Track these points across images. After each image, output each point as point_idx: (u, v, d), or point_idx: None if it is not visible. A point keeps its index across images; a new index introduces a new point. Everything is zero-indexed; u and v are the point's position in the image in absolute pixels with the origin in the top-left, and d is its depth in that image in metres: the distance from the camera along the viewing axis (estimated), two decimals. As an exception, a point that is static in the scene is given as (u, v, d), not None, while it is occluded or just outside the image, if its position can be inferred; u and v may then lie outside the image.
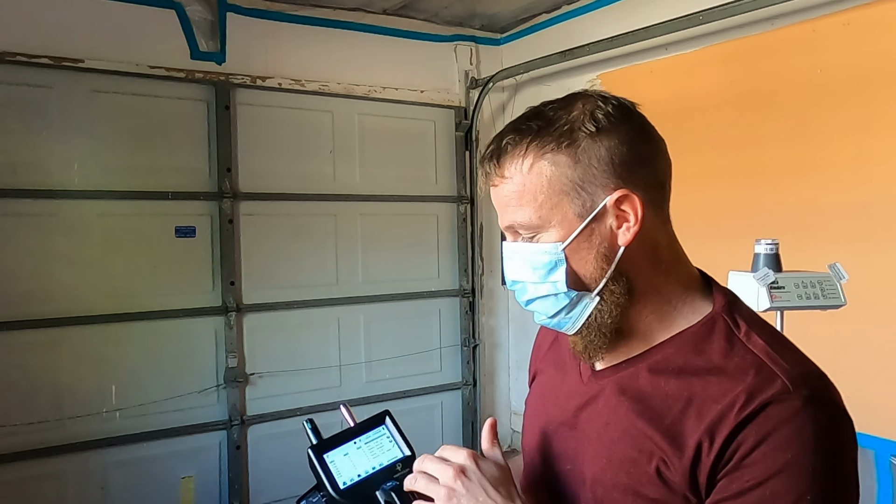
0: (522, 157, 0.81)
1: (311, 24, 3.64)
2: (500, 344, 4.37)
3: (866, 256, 2.46)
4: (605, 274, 0.81)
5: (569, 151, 0.80)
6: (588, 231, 0.81)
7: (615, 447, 0.82)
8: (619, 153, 0.80)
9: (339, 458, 0.90)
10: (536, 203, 0.81)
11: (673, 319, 0.84)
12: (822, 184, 2.62)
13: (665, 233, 0.85)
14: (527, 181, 0.81)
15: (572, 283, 0.82)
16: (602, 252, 0.81)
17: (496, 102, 4.25)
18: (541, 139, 0.81)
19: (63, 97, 3.05)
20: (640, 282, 0.83)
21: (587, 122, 0.80)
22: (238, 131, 3.45)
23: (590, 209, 0.80)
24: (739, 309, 0.84)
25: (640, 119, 0.84)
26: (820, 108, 2.62)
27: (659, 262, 0.83)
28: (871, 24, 2.48)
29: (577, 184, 0.80)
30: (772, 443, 0.73)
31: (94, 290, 3.13)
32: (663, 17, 2.99)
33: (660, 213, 0.84)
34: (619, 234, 0.80)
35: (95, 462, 3.13)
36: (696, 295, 0.85)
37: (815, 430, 0.73)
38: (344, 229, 3.77)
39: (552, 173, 0.80)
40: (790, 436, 0.72)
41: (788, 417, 0.73)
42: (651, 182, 0.82)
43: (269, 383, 3.53)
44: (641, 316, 0.84)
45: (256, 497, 3.51)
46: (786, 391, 0.74)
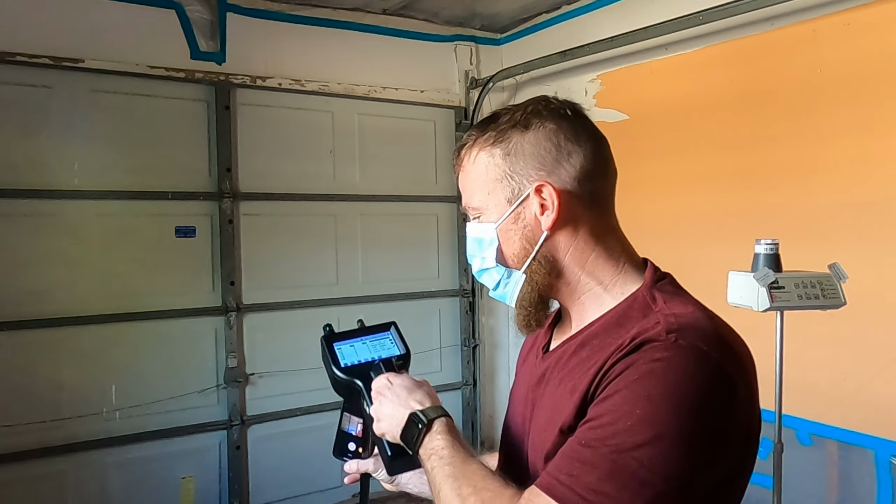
0: (470, 150, 0.97)
1: (311, 24, 3.64)
2: (500, 344, 4.37)
3: (866, 256, 2.46)
4: (528, 254, 0.94)
5: (502, 146, 0.94)
6: (515, 215, 0.94)
7: (543, 415, 0.94)
8: (543, 149, 0.92)
9: (345, 347, 1.19)
10: (477, 188, 0.96)
11: (603, 300, 0.93)
12: (822, 184, 2.62)
13: (599, 222, 0.94)
14: (472, 170, 0.97)
15: (501, 259, 0.97)
16: (526, 234, 0.94)
17: (496, 102, 4.24)
18: (485, 135, 0.95)
19: (63, 97, 3.06)
20: (567, 264, 0.94)
21: (520, 121, 0.93)
22: (238, 131, 3.45)
23: (517, 196, 0.93)
24: (662, 287, 0.92)
25: (572, 121, 0.94)
26: (820, 108, 2.61)
27: (589, 248, 0.94)
28: (871, 24, 2.48)
29: (508, 173, 0.93)
30: (630, 372, 0.80)
31: (94, 290, 3.13)
32: (663, 17, 3.00)
33: (592, 205, 0.93)
34: (542, 219, 0.92)
35: (95, 462, 3.13)
36: (629, 277, 0.94)
37: (671, 367, 0.78)
38: (344, 229, 3.77)
39: (488, 163, 0.95)
40: (646, 368, 0.79)
41: (652, 354, 0.80)
42: (577, 177, 0.92)
43: (269, 383, 3.53)
44: (574, 297, 0.96)
45: (256, 497, 3.51)
46: (660, 334, 0.81)
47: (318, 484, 3.60)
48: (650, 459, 0.75)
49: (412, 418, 0.98)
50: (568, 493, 0.77)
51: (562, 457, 0.82)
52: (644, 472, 0.75)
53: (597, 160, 0.93)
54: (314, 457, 3.61)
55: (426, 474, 0.95)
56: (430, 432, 0.96)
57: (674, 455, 0.76)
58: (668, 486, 0.75)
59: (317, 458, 3.61)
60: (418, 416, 0.98)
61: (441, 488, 0.90)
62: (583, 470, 0.78)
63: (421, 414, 0.98)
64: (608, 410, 0.80)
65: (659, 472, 0.75)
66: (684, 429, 0.76)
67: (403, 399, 1.02)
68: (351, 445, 1.16)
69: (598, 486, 0.76)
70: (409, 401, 1.01)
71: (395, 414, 1.01)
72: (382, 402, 1.04)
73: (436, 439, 0.95)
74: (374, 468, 1.16)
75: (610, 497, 0.75)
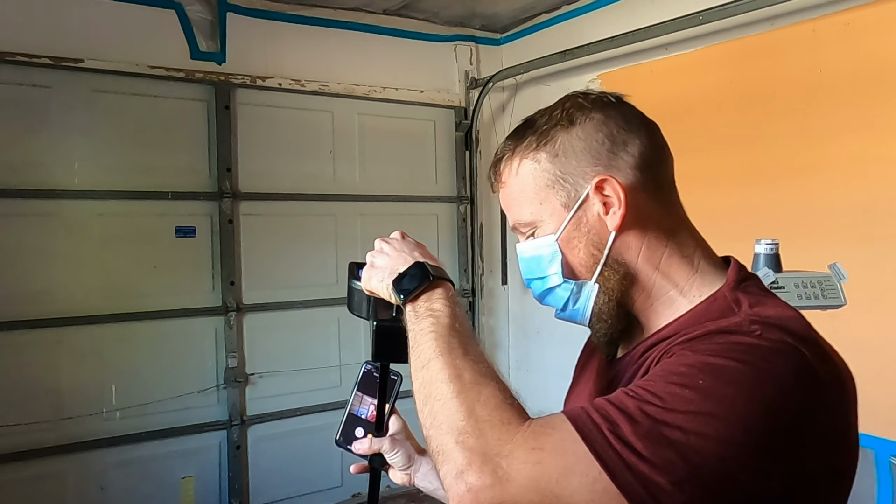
0: (511, 161, 0.87)
1: (311, 24, 3.64)
2: (500, 344, 4.36)
3: (866, 256, 2.46)
4: (598, 261, 0.84)
5: (547, 148, 0.84)
6: (576, 220, 0.84)
7: None
8: (594, 141, 0.83)
9: None
10: (526, 201, 0.86)
11: (678, 305, 0.83)
12: (822, 184, 2.62)
13: (667, 215, 0.85)
14: (515, 183, 0.87)
15: (568, 272, 0.85)
16: (592, 239, 0.84)
17: (496, 102, 4.25)
18: (525, 142, 0.86)
19: (63, 97, 3.05)
20: (640, 267, 0.83)
21: (562, 118, 0.84)
22: (238, 131, 3.45)
23: (574, 199, 0.83)
24: (748, 288, 0.80)
25: (619, 108, 0.86)
26: (820, 108, 2.61)
27: (661, 246, 0.84)
28: (871, 24, 2.48)
29: (559, 176, 0.83)
30: (701, 343, 0.71)
31: (94, 290, 3.13)
32: (663, 17, 2.99)
33: (658, 196, 0.84)
34: (607, 219, 0.82)
35: (95, 462, 3.13)
36: (707, 278, 0.83)
37: (752, 350, 0.69)
38: (344, 229, 3.77)
39: (535, 170, 0.85)
40: (722, 345, 0.70)
41: (730, 337, 0.71)
42: (637, 165, 0.82)
43: (269, 383, 3.53)
44: (647, 303, 0.85)
45: (256, 497, 3.51)
46: (740, 325, 0.72)
47: (318, 484, 3.60)
48: (699, 437, 0.64)
49: (416, 266, 0.87)
50: (594, 433, 0.66)
51: (603, 399, 0.70)
52: (687, 448, 0.64)
53: (654, 145, 0.85)
54: (314, 457, 3.61)
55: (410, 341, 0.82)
56: (431, 290, 0.85)
57: (729, 443, 0.64)
58: (709, 472, 0.64)
59: (317, 458, 3.61)
60: (425, 267, 0.87)
61: (429, 363, 0.77)
62: (619, 417, 0.66)
63: (429, 267, 0.87)
64: (665, 369, 0.70)
65: (706, 453, 0.64)
66: (751, 419, 0.65)
67: (409, 250, 0.92)
68: (359, 431, 1.06)
69: (631, 439, 0.65)
70: (413, 253, 0.91)
71: (393, 261, 0.91)
72: (382, 249, 0.94)
73: (437, 301, 0.84)
74: (389, 448, 1.05)
75: (639, 455, 0.64)
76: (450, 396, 0.73)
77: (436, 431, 0.72)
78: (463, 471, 0.67)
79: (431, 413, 0.73)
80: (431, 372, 0.76)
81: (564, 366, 4.26)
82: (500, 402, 0.72)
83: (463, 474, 0.67)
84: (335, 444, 1.07)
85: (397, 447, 1.06)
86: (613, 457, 0.64)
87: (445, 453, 0.70)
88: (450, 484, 0.68)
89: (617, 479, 0.64)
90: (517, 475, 0.66)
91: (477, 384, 0.73)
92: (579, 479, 0.65)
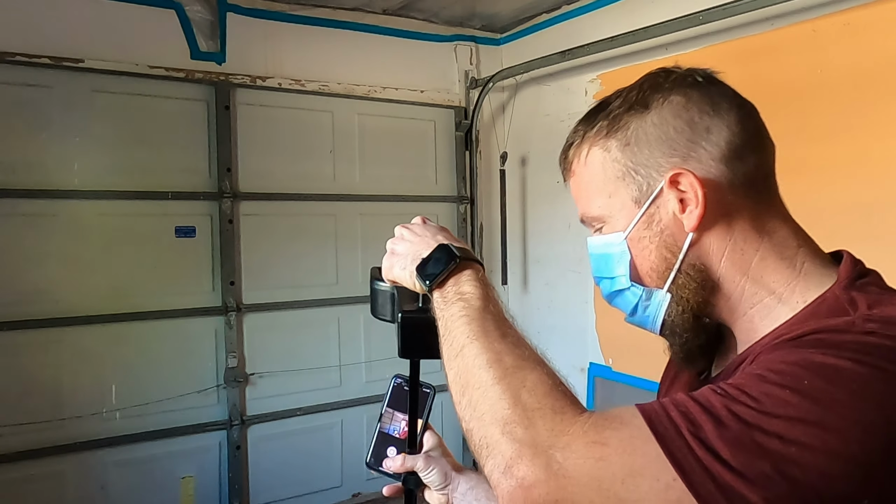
0: (580, 149, 0.79)
1: (311, 24, 3.64)
2: (500, 344, 4.36)
3: (866, 256, 2.45)
4: (671, 266, 0.73)
5: (618, 135, 0.75)
6: (647, 218, 0.74)
7: None
8: (671, 129, 0.73)
9: None
10: (595, 193, 0.77)
11: (778, 314, 0.71)
12: (822, 184, 2.62)
13: (761, 211, 0.74)
14: (584, 172, 0.78)
15: (635, 276, 0.76)
16: (665, 240, 0.73)
17: (496, 102, 4.25)
18: (595, 128, 0.77)
19: (63, 97, 3.05)
20: (725, 273, 0.73)
21: (637, 101, 0.75)
22: (238, 131, 3.45)
23: (647, 194, 0.73)
24: (865, 287, 0.69)
25: (705, 88, 0.75)
26: (820, 108, 2.61)
27: (751, 247, 0.72)
28: (871, 24, 2.48)
29: (631, 168, 0.74)
30: (807, 341, 0.61)
31: (94, 290, 3.13)
32: (663, 17, 2.99)
33: (750, 191, 0.73)
34: (684, 219, 0.72)
35: (95, 462, 3.13)
36: (812, 280, 0.72)
37: (864, 350, 0.58)
38: (344, 229, 3.77)
39: (604, 160, 0.76)
40: (830, 340, 0.60)
41: (838, 336, 0.61)
42: (722, 156, 0.72)
43: (269, 383, 3.53)
44: (738, 314, 0.74)
45: (256, 497, 3.51)
46: (849, 323, 0.62)
47: (318, 484, 3.59)
48: (802, 448, 0.55)
49: (440, 249, 0.79)
50: (671, 432, 0.57)
51: (685, 394, 0.61)
52: (785, 460, 0.55)
53: (746, 131, 0.73)
54: (314, 457, 3.61)
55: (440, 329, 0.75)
56: (459, 273, 0.77)
57: (839, 458, 0.55)
58: (811, 491, 0.55)
59: (317, 458, 3.61)
60: (450, 249, 0.79)
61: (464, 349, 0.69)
62: (703, 417, 0.57)
63: (455, 248, 0.79)
64: (763, 366, 0.60)
65: (809, 468, 0.55)
66: (861, 427, 0.56)
67: (431, 234, 0.84)
68: (391, 450, 0.97)
69: (715, 444, 0.56)
70: (437, 236, 0.83)
71: (415, 247, 0.83)
72: (403, 236, 0.86)
73: (466, 283, 0.76)
74: (423, 466, 0.95)
75: (725, 464, 0.55)
76: (491, 383, 0.65)
77: (477, 423, 0.64)
78: (512, 464, 0.59)
79: (471, 404, 0.66)
80: (467, 359, 0.68)
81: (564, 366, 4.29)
82: (550, 389, 0.63)
83: (512, 468, 0.59)
84: (366, 466, 0.99)
85: (432, 464, 0.96)
86: (692, 462, 0.56)
87: (490, 446, 0.62)
88: (497, 480, 0.60)
89: (696, 489, 0.55)
90: (575, 470, 0.58)
91: (520, 369, 0.65)
92: (649, 484, 0.57)
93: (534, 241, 4.16)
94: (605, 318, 3.60)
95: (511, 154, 4.13)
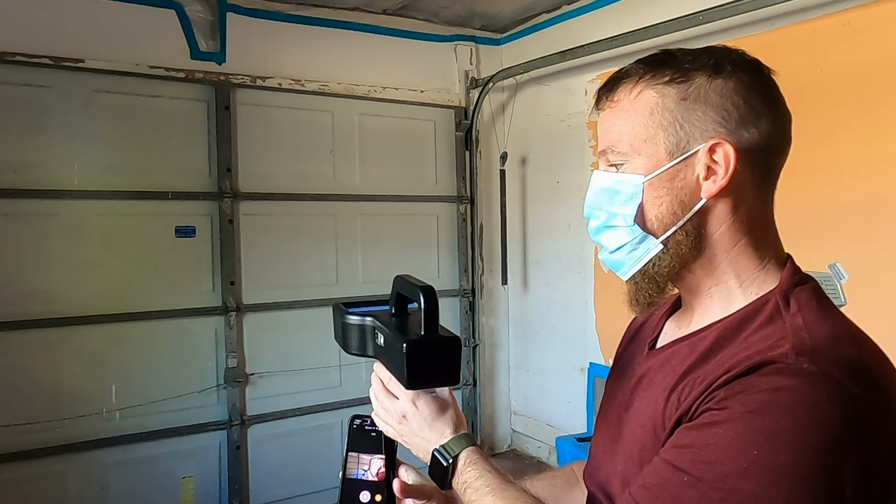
0: (634, 84, 0.80)
1: (311, 24, 3.64)
2: (500, 344, 4.37)
3: (866, 256, 2.46)
4: (676, 221, 0.78)
5: (679, 87, 0.77)
6: (673, 172, 0.78)
7: (636, 421, 0.82)
8: (731, 102, 0.76)
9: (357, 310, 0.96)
10: (633, 129, 0.79)
11: (734, 299, 0.79)
12: (822, 184, 2.62)
13: (761, 205, 0.81)
14: (630, 106, 0.80)
15: (640, 220, 0.80)
16: (680, 197, 0.78)
17: (496, 102, 4.25)
18: (657, 71, 0.79)
19: (63, 97, 3.05)
20: (713, 244, 0.79)
21: (709, 64, 0.78)
22: (238, 131, 3.45)
23: (682, 150, 0.77)
24: (800, 293, 0.76)
25: (768, 80, 0.81)
26: (820, 108, 2.61)
27: (741, 232, 0.79)
28: (871, 24, 2.48)
29: (678, 121, 0.77)
30: (746, 399, 0.66)
31: (94, 290, 3.13)
32: (663, 17, 2.99)
33: (761, 185, 0.80)
34: (704, 185, 0.77)
35: (95, 462, 3.13)
36: (769, 277, 0.79)
37: (797, 400, 0.65)
38: (344, 229, 3.77)
39: (656, 104, 0.78)
40: (767, 398, 0.65)
41: (775, 379, 0.66)
42: (758, 146, 0.77)
43: (269, 383, 3.53)
44: (703, 288, 0.81)
45: (256, 497, 3.51)
46: (786, 354, 0.67)
47: (318, 484, 3.59)
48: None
49: (436, 456, 0.90)
50: None
51: (654, 481, 0.70)
52: None
53: (784, 134, 0.80)
54: (314, 457, 3.61)
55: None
56: (456, 468, 0.88)
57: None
58: None
59: (317, 458, 3.61)
60: (442, 453, 0.90)
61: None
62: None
63: (444, 450, 0.90)
64: (717, 441, 0.66)
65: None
66: (808, 480, 0.63)
67: (425, 434, 0.92)
68: (364, 495, 0.93)
69: None
70: (430, 434, 0.91)
71: (421, 447, 0.93)
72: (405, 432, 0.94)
73: (466, 472, 0.87)
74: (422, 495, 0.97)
75: None
76: None
77: None
78: None
79: None
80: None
81: (564, 366, 4.30)
82: None
83: None
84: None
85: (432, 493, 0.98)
86: None
87: None
88: None
89: None
90: None
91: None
92: None
93: (534, 241, 4.16)
94: (605, 318, 3.60)
95: (511, 154, 4.13)
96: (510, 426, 4.38)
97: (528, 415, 4.27)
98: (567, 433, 3.67)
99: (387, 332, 0.85)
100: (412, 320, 0.87)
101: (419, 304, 0.81)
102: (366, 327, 0.89)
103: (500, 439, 4.37)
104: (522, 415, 4.31)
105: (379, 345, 0.87)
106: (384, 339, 0.85)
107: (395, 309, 0.92)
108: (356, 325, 0.90)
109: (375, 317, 0.89)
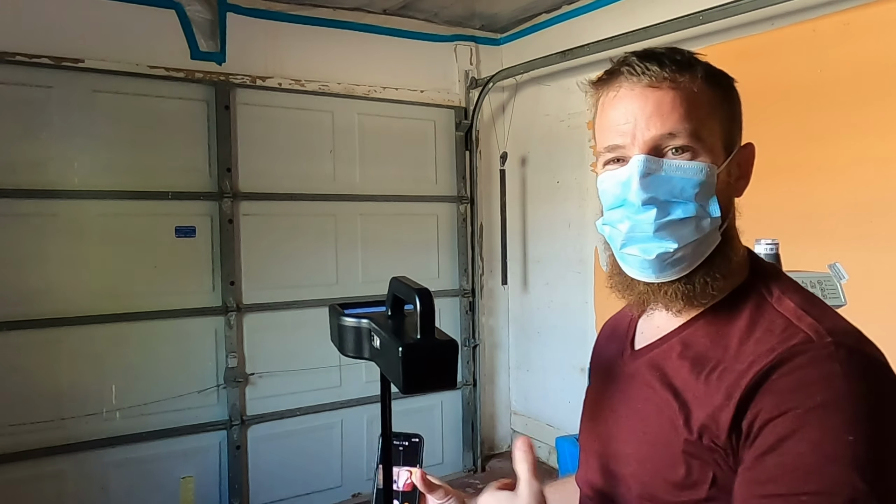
0: (696, 73, 0.78)
1: (311, 24, 3.64)
2: (500, 344, 4.37)
3: (866, 256, 2.46)
4: (728, 214, 0.80)
5: (720, 90, 0.81)
6: (730, 165, 0.80)
7: (638, 425, 0.81)
8: (739, 111, 0.84)
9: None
10: (697, 117, 0.76)
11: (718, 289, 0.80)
12: (822, 184, 2.62)
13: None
14: (695, 94, 0.77)
15: (714, 212, 0.78)
16: (729, 192, 0.81)
17: (496, 102, 4.25)
18: (708, 70, 0.80)
19: (63, 97, 3.05)
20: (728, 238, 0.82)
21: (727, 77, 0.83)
22: (238, 131, 3.45)
23: (732, 146, 0.81)
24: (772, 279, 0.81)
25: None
26: (820, 108, 2.61)
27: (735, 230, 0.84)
28: (871, 24, 2.48)
29: (731, 118, 0.81)
30: (803, 396, 0.66)
31: (94, 290, 3.13)
32: (663, 17, 2.99)
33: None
34: (734, 182, 0.82)
35: (95, 462, 3.13)
36: (741, 267, 0.83)
37: (846, 373, 0.67)
38: (344, 229, 3.77)
39: (714, 97, 0.79)
40: (816, 380, 0.67)
41: (811, 363, 0.68)
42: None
43: (269, 383, 3.53)
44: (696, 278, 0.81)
45: (256, 497, 3.51)
46: (808, 340, 0.70)
47: (318, 484, 3.60)
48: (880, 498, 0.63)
49: None
50: None
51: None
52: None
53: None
54: (314, 457, 3.61)
55: None
56: None
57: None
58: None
59: (317, 458, 3.61)
60: None
61: None
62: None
63: None
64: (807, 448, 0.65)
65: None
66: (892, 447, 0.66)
67: None
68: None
69: None
70: None
71: None
72: None
73: None
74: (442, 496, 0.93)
75: None
76: None
77: None
78: None
79: None
80: None
81: (564, 366, 4.30)
82: None
83: None
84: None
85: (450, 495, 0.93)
86: None
87: None
88: None
89: None
90: None
91: None
92: None
93: (534, 241, 4.16)
94: (605, 318, 3.60)
95: (511, 154, 4.13)
96: (510, 426, 4.38)
97: (528, 415, 4.27)
98: (567, 433, 3.67)
99: (382, 334, 0.83)
100: (408, 323, 0.86)
101: (415, 306, 0.81)
102: (362, 329, 0.88)
103: (500, 439, 4.37)
104: (522, 415, 4.31)
105: (375, 347, 0.85)
106: (380, 342, 0.83)
107: (392, 311, 0.90)
108: (352, 327, 0.88)
109: (372, 319, 0.87)
